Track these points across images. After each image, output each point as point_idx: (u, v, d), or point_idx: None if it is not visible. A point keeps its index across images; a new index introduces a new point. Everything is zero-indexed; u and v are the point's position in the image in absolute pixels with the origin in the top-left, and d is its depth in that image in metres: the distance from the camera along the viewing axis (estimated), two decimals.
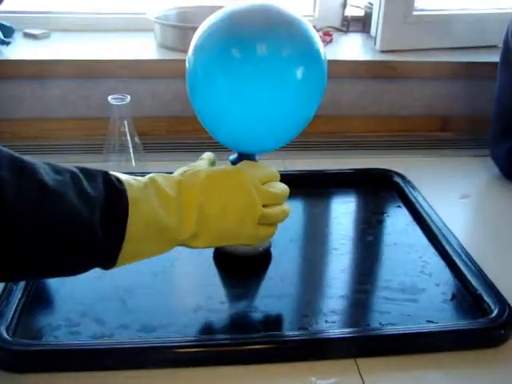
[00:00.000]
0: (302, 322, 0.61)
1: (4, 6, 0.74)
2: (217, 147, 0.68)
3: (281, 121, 0.62)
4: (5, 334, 0.55)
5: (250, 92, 0.59)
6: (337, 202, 0.87)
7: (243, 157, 0.66)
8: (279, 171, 0.75)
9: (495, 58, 1.08)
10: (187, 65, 0.63)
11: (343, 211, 0.83)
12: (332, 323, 0.60)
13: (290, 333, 0.59)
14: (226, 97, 0.60)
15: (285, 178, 0.86)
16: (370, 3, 1.18)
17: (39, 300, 0.62)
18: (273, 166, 0.63)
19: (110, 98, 0.85)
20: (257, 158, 0.66)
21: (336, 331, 0.59)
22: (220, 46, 0.59)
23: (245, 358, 0.56)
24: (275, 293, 0.65)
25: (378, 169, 0.90)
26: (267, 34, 0.59)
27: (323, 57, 0.62)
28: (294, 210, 0.83)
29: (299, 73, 0.59)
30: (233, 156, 0.67)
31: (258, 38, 0.58)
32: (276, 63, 0.58)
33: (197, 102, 0.63)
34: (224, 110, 0.61)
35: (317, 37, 0.61)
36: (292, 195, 0.85)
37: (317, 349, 0.56)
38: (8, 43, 1.03)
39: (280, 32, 0.59)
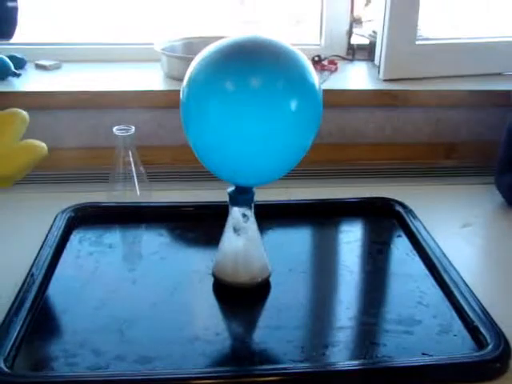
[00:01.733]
0: (297, 354, 0.61)
1: (16, 38, 0.77)
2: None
3: (276, 153, 0.62)
4: (2, 366, 0.56)
5: (243, 125, 0.59)
6: (338, 231, 0.87)
7: (240, 189, 0.67)
8: (276, 201, 0.76)
9: (500, 85, 1.09)
10: (181, 96, 0.63)
11: (344, 240, 0.84)
12: (328, 355, 0.60)
13: (285, 365, 0.59)
14: (220, 130, 0.60)
15: (287, 207, 0.88)
16: (374, 32, 1.19)
17: (38, 331, 0.63)
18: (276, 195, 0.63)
19: (114, 129, 0.86)
20: (254, 190, 0.67)
21: (331, 364, 0.59)
22: (213, 78, 0.60)
23: None
24: (272, 324, 0.65)
25: (380, 198, 0.90)
26: (260, 66, 0.59)
27: (317, 87, 0.62)
28: (295, 239, 0.85)
29: (293, 104, 0.60)
30: (230, 189, 0.67)
31: (250, 71, 0.59)
32: (269, 95, 0.59)
33: (191, 133, 0.64)
34: (217, 143, 0.62)
35: (311, 67, 0.62)
36: (293, 224, 0.87)
37: (312, 381, 0.57)
38: (19, 75, 1.06)
39: (273, 64, 0.60)
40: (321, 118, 0.63)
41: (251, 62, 0.60)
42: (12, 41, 0.79)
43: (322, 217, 0.88)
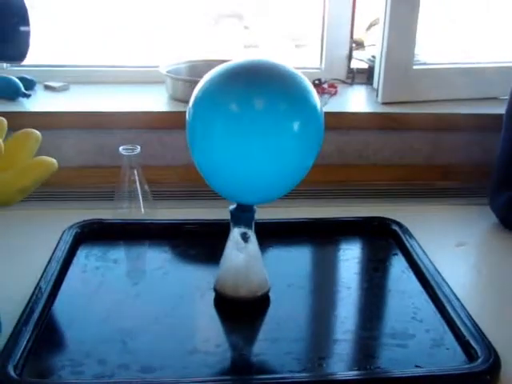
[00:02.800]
0: (295, 365, 0.63)
1: (26, 60, 0.80)
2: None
3: (279, 173, 0.65)
4: (12, 373, 0.58)
5: (247, 145, 0.62)
6: (335, 249, 0.90)
7: (242, 207, 0.70)
8: (275, 219, 0.78)
9: (495, 109, 1.12)
10: (187, 116, 0.66)
11: (341, 258, 0.86)
12: (325, 367, 0.63)
13: (283, 375, 0.62)
14: (224, 149, 0.63)
15: (286, 225, 0.91)
16: (373, 56, 1.23)
17: (47, 341, 0.65)
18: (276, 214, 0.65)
19: (120, 148, 0.90)
20: (255, 208, 0.70)
21: (328, 374, 0.62)
22: (218, 99, 0.63)
23: None
24: (270, 337, 0.68)
25: (377, 217, 0.93)
26: (264, 88, 0.62)
27: (319, 109, 0.65)
28: (293, 256, 0.88)
29: (296, 125, 0.62)
30: (232, 207, 0.70)
31: (254, 93, 0.62)
32: (273, 117, 0.61)
33: (196, 153, 0.67)
34: (222, 162, 0.64)
35: (313, 90, 0.64)
36: (292, 242, 0.90)
37: None
38: (29, 96, 1.10)
39: (276, 86, 0.63)
40: (322, 139, 0.66)
41: (255, 84, 0.62)
42: (22, 63, 0.83)
43: (321, 235, 0.91)
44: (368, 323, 0.71)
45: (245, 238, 0.71)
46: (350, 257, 0.87)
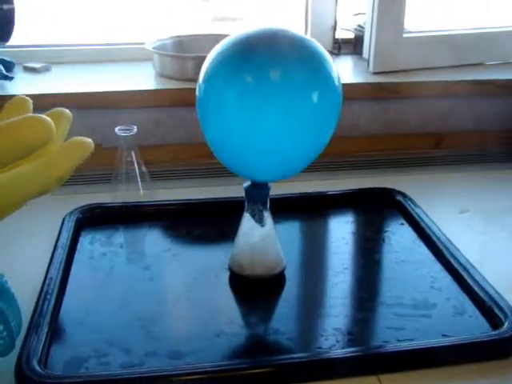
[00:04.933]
0: (320, 342, 0.62)
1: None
2: (226, 172, 0.68)
3: (295, 147, 0.62)
4: (37, 368, 0.56)
5: (263, 118, 0.59)
6: (340, 222, 0.89)
7: (256, 184, 0.68)
8: (280, 195, 0.76)
9: (484, 75, 1.12)
10: (197, 93, 0.63)
11: (348, 231, 0.86)
12: (351, 341, 0.62)
13: (312, 353, 0.61)
14: (239, 124, 0.60)
15: (286, 201, 0.90)
16: (359, 26, 1.22)
17: (66, 332, 0.63)
18: (279, 190, 0.64)
19: (116, 129, 0.86)
20: (270, 185, 0.68)
21: (358, 349, 0.61)
22: (231, 72, 0.60)
23: (274, 379, 0.58)
24: (292, 314, 0.67)
25: (379, 188, 0.92)
26: (279, 58, 0.59)
27: (338, 80, 0.62)
28: (301, 232, 0.87)
29: (314, 97, 0.60)
30: (246, 184, 0.69)
31: (270, 63, 0.59)
32: (290, 87, 0.59)
33: (208, 129, 0.64)
34: (236, 138, 0.62)
35: (330, 59, 0.62)
36: (295, 218, 0.89)
37: (341, 367, 0.58)
38: (11, 78, 1.05)
39: (292, 55, 0.60)
40: (340, 112, 0.64)
41: (270, 54, 0.59)
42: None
43: (325, 209, 0.90)
44: (388, 295, 0.70)
45: (261, 217, 0.69)
46: (357, 229, 0.86)
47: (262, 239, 0.71)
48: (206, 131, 0.65)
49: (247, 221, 0.70)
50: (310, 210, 0.89)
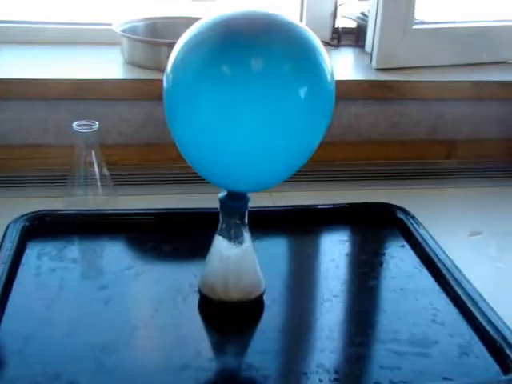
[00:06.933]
0: (302, 380, 0.62)
1: None
2: (200, 178, 0.67)
3: (278, 151, 0.62)
4: None
5: (242, 116, 0.59)
6: (332, 241, 0.89)
7: (234, 195, 0.68)
8: (261, 207, 0.77)
9: (504, 75, 1.13)
10: (165, 84, 0.62)
11: (340, 252, 0.86)
12: (337, 381, 0.62)
13: None
14: (213, 122, 0.59)
15: (273, 214, 0.90)
16: (363, 14, 1.23)
17: (4, 362, 0.63)
18: (260, 201, 0.63)
19: (74, 124, 0.86)
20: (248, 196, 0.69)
21: None
22: (206, 61, 0.59)
23: None
24: (270, 348, 0.67)
25: (377, 203, 0.93)
26: (262, 46, 0.58)
27: (330, 74, 0.62)
28: (285, 251, 0.87)
29: (301, 92, 0.59)
30: (221, 194, 0.69)
31: (251, 52, 0.58)
32: (273, 81, 0.58)
33: (177, 127, 0.63)
34: (210, 139, 0.61)
35: (322, 49, 0.61)
36: (282, 234, 0.89)
37: None
38: None
39: (278, 44, 0.59)
40: (332, 111, 0.64)
41: (252, 41, 0.59)
42: None
43: (314, 225, 0.90)
44: (382, 329, 0.71)
45: (238, 232, 0.70)
46: (351, 250, 0.87)
47: (239, 258, 0.71)
48: (174, 129, 0.64)
49: (222, 237, 0.70)
50: (295, 227, 0.89)
